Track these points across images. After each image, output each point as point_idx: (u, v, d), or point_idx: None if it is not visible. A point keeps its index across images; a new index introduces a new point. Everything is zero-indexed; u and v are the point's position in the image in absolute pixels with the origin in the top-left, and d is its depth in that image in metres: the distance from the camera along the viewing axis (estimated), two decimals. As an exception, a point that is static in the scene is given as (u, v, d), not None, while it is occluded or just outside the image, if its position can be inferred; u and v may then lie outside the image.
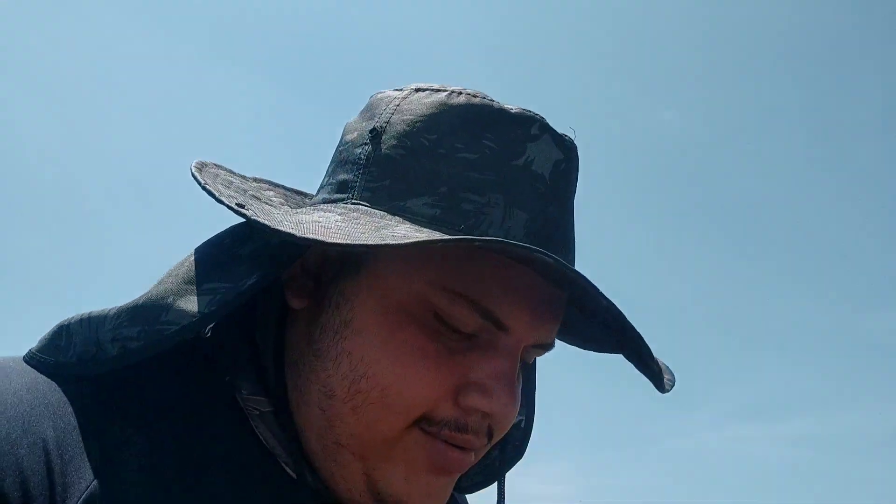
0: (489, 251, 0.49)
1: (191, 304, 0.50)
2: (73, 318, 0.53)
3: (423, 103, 0.54)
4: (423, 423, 0.50)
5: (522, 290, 0.51)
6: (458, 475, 0.54)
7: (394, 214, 0.50)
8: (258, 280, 0.50)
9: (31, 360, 0.52)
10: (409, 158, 0.52)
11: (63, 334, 0.53)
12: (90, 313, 0.52)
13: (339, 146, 0.58)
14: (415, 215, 0.50)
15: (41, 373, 0.50)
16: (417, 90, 0.56)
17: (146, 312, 0.51)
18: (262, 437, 0.53)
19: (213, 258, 0.53)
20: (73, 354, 0.51)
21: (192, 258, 0.54)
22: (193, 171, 0.54)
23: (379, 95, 0.58)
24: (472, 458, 0.54)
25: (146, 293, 0.52)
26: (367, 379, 0.50)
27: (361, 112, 0.58)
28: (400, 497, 0.51)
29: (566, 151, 0.54)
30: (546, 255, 0.45)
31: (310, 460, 0.54)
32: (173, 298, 0.51)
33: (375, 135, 0.54)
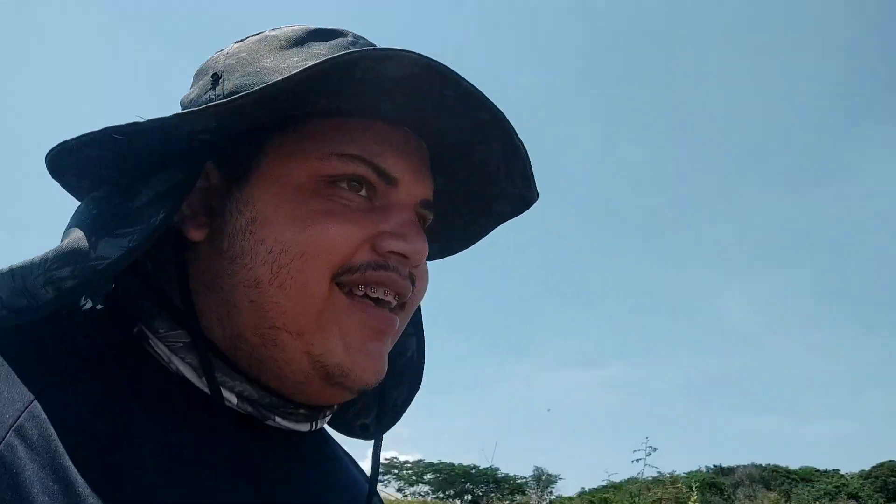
0: (356, 117, 0.56)
1: (113, 244, 0.52)
2: None
3: (249, 43, 0.60)
4: (345, 275, 0.55)
5: (400, 146, 0.58)
6: (390, 341, 0.59)
7: None
8: (166, 214, 0.53)
9: None
10: (257, 78, 0.56)
11: None
12: (10, 267, 0.54)
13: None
14: None
15: None
16: (237, 41, 0.62)
17: (74, 254, 0.52)
18: (181, 372, 0.55)
19: (111, 213, 0.55)
20: (1, 307, 0.53)
21: (87, 218, 0.56)
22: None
23: (204, 63, 0.63)
24: (397, 324, 0.58)
25: (61, 243, 0.54)
26: (284, 252, 0.54)
27: (192, 82, 0.63)
28: (342, 364, 0.55)
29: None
30: (409, 52, 0.51)
31: (246, 370, 0.56)
32: (94, 240, 0.53)
33: (216, 77, 0.59)
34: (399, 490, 37.85)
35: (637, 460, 11.38)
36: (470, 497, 37.04)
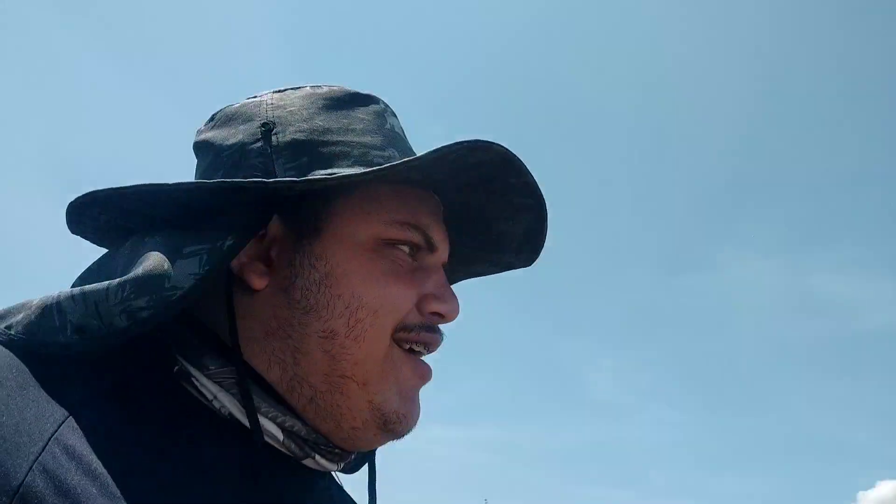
0: (405, 184, 0.63)
1: (184, 268, 0.55)
2: (57, 296, 0.55)
3: (295, 97, 0.65)
4: (401, 332, 0.61)
5: (438, 215, 0.66)
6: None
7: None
8: (235, 242, 0.56)
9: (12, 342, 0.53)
10: (313, 136, 0.62)
11: (53, 313, 0.54)
12: (83, 290, 0.54)
13: (214, 156, 0.64)
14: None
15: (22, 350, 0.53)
16: (276, 91, 0.66)
17: (151, 282, 0.54)
18: (226, 408, 0.57)
19: (182, 226, 0.58)
20: (71, 332, 0.53)
21: (157, 231, 0.59)
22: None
23: (237, 106, 0.66)
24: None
25: (137, 270, 0.55)
26: (362, 308, 0.59)
27: (220, 124, 0.65)
28: (398, 411, 0.61)
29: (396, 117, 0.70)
30: (496, 144, 0.58)
31: (299, 411, 0.59)
32: (168, 265, 0.55)
33: (267, 129, 0.62)
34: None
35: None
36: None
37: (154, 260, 0.55)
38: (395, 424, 0.61)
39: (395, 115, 0.69)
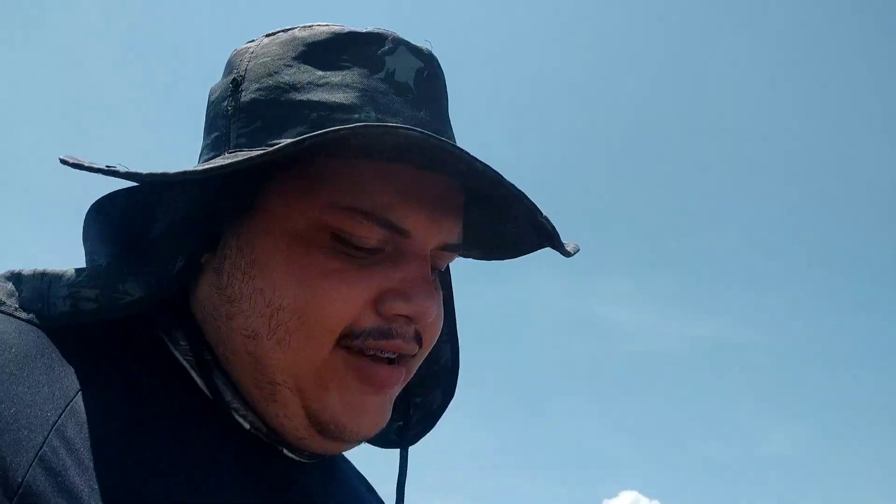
0: (368, 158, 0.51)
1: (139, 282, 0.52)
2: (26, 269, 0.54)
3: (275, 44, 0.56)
4: (348, 339, 0.52)
5: (413, 191, 0.52)
6: (393, 392, 0.56)
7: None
8: (185, 265, 0.53)
9: None
10: (273, 95, 0.53)
11: (13, 280, 0.53)
12: (45, 270, 0.54)
13: (206, 110, 0.59)
14: None
15: None
16: (267, 35, 0.57)
17: (106, 277, 0.52)
18: (205, 387, 0.54)
19: (134, 241, 0.56)
20: (16, 301, 0.52)
21: (118, 238, 0.56)
22: (67, 158, 0.53)
23: (235, 51, 0.59)
24: (403, 374, 0.55)
25: (99, 262, 0.55)
26: (283, 310, 0.51)
27: (224, 72, 0.59)
28: (339, 421, 0.53)
29: (426, 59, 0.56)
30: (411, 129, 0.47)
31: (252, 408, 0.54)
32: (127, 270, 0.53)
33: (236, 85, 0.55)
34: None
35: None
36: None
37: (112, 260, 0.54)
38: (338, 433, 0.54)
39: (418, 55, 0.55)
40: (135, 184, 0.55)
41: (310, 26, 0.56)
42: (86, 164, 0.51)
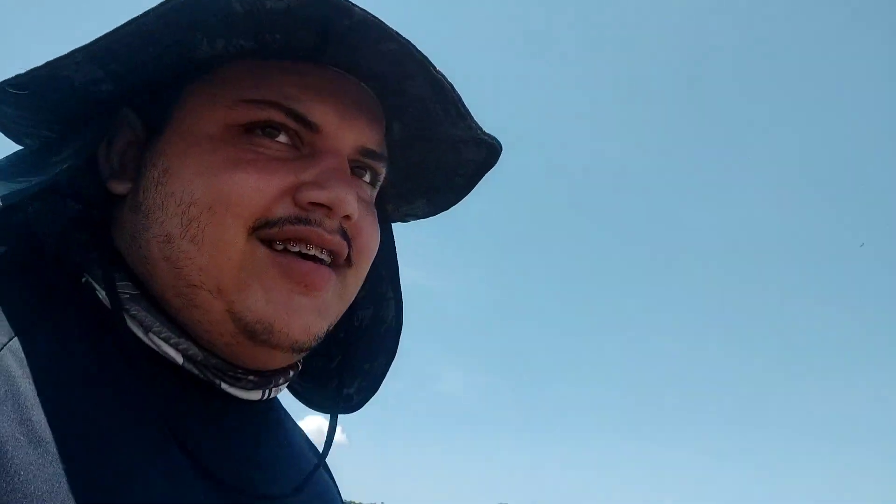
0: (276, 58, 0.51)
1: (5, 188, 0.52)
2: None
3: None
4: (264, 229, 0.51)
5: (325, 87, 0.52)
6: (321, 293, 0.53)
7: None
8: (69, 167, 0.52)
9: None
10: None
11: None
12: None
13: None
14: None
15: None
16: None
17: None
18: (136, 322, 0.52)
19: (27, 162, 0.56)
20: None
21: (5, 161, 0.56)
22: None
23: None
24: (333, 277, 0.53)
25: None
26: (194, 205, 0.50)
27: None
28: (265, 318, 0.51)
29: None
30: None
31: (180, 327, 0.53)
32: None
33: None
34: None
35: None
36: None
37: None
38: (266, 334, 0.51)
39: None
40: None
41: None
42: None
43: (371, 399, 0.68)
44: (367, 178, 0.57)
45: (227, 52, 0.52)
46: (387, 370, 0.68)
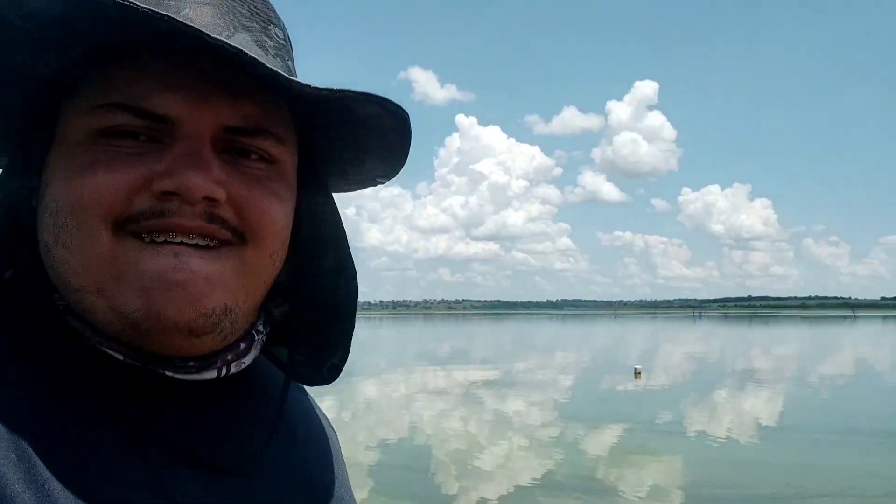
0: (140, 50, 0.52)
1: None
2: None
3: None
4: (126, 226, 0.51)
5: (170, 76, 0.52)
6: (204, 275, 0.53)
7: None
8: None
9: None
10: None
11: None
12: None
13: None
14: None
15: None
16: None
17: None
18: (81, 332, 0.54)
19: None
20: None
21: None
22: None
23: None
24: (202, 255, 0.53)
25: None
26: (59, 213, 0.52)
27: None
28: (142, 308, 0.51)
29: None
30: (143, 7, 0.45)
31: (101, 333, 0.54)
32: None
33: None
34: None
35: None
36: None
37: None
38: (154, 322, 0.51)
39: None
40: None
41: None
42: None
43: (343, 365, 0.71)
44: (253, 156, 0.56)
45: (102, 55, 0.52)
46: (350, 338, 0.70)
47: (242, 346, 0.60)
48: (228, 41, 0.48)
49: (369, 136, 0.61)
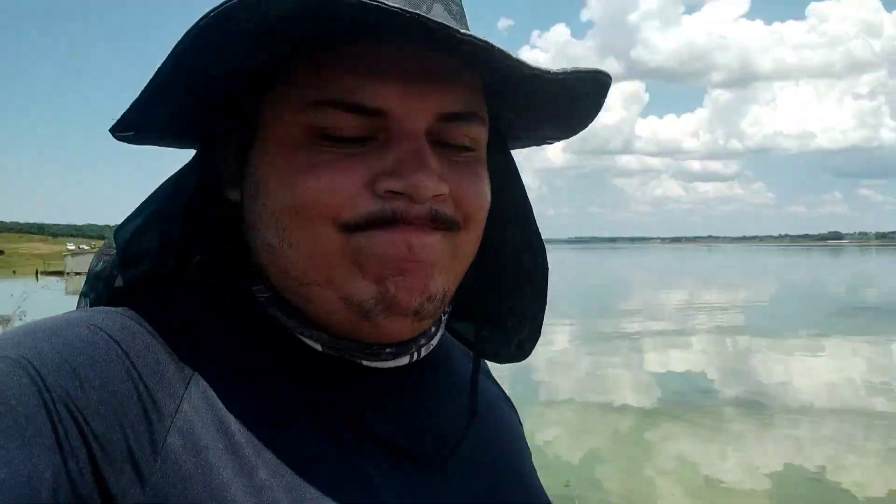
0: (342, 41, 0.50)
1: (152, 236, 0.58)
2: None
3: None
4: (353, 230, 0.51)
5: (382, 67, 0.50)
6: (431, 261, 0.53)
7: None
8: (191, 200, 0.58)
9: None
10: None
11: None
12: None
13: None
14: None
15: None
16: None
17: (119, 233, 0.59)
18: (285, 325, 0.56)
19: (173, 187, 0.60)
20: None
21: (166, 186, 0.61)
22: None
23: None
24: (437, 238, 0.53)
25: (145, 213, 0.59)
26: (283, 213, 0.52)
27: None
28: (375, 295, 0.52)
29: None
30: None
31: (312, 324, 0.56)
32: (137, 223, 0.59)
33: None
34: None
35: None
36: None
37: (143, 209, 0.59)
38: (386, 309, 0.52)
39: None
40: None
41: None
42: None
43: (535, 346, 0.71)
44: (465, 142, 0.55)
45: (278, 56, 0.51)
46: (542, 314, 0.69)
47: (433, 328, 0.61)
48: (428, 15, 0.45)
49: (561, 104, 0.59)
